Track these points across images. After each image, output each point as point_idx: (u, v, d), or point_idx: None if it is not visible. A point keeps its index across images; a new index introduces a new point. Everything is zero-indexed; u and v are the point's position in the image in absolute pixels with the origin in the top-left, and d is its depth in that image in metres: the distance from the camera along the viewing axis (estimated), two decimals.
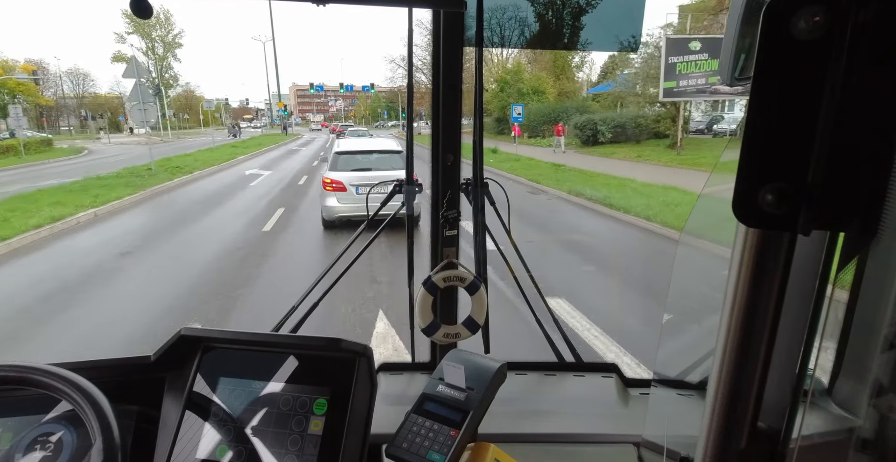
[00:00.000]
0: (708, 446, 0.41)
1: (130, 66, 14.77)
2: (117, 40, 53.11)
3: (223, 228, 8.04)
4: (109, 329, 4.20)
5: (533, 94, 31.47)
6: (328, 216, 7.35)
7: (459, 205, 1.26)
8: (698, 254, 0.69)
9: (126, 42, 51.64)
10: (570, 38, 1.25)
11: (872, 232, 0.36)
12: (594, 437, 1.07)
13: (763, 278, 0.36)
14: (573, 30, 1.21)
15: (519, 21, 1.21)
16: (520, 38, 1.23)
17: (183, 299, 4.89)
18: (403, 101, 2.52)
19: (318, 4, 0.93)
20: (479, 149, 1.20)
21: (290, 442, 0.77)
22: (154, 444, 0.83)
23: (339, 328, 4.05)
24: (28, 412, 0.82)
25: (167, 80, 50.53)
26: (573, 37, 1.24)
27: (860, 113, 0.32)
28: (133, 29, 44.32)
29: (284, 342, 0.86)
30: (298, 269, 5.85)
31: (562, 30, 1.21)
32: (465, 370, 0.79)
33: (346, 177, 7.38)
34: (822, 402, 0.54)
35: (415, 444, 0.73)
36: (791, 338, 0.39)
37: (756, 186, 0.33)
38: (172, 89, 51.57)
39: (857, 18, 0.30)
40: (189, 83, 69.68)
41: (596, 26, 1.19)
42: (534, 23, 1.21)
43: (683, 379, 1.06)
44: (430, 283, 1.18)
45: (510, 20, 1.21)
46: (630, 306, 4.75)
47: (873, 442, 0.48)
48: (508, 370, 0.84)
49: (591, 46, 1.24)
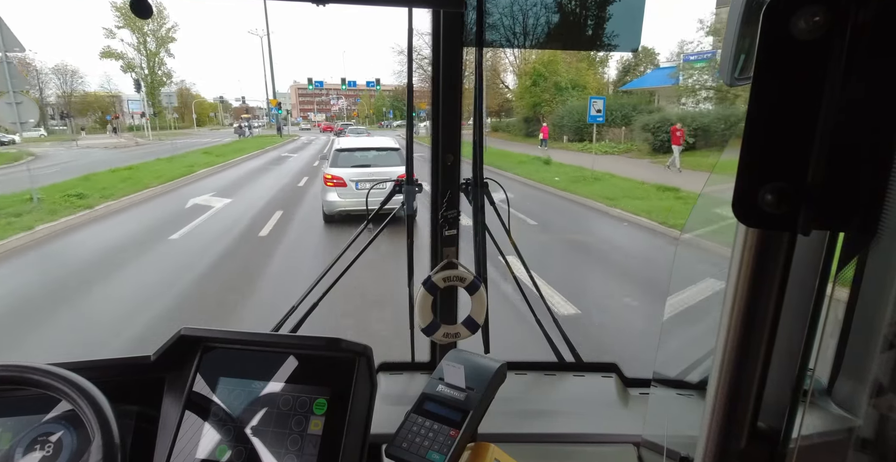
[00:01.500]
0: (708, 446, 0.41)
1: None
2: (107, 35, 48.53)
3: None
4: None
5: (573, 89, 27.25)
6: (329, 211, 7.69)
7: (459, 205, 1.26)
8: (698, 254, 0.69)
9: (116, 37, 50.43)
10: (571, 38, 1.25)
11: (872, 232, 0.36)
12: (594, 437, 1.07)
13: (763, 278, 0.36)
14: (573, 30, 1.21)
15: (519, 21, 1.20)
16: (520, 39, 1.23)
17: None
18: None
19: (318, 4, 0.94)
20: (479, 149, 1.20)
21: (289, 442, 0.77)
22: (154, 443, 0.83)
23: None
24: (28, 412, 0.82)
25: (160, 77, 47.27)
26: (573, 37, 1.24)
27: (860, 113, 0.32)
28: (124, 23, 41.82)
29: (284, 342, 0.86)
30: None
31: (562, 30, 1.21)
32: (464, 370, 0.79)
33: (346, 173, 7.67)
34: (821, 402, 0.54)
35: (415, 444, 0.73)
36: (791, 338, 0.39)
37: (756, 186, 0.33)
38: (166, 87, 47.09)
39: (857, 18, 0.30)
40: (184, 81, 63.86)
41: (596, 26, 1.19)
42: (534, 23, 1.21)
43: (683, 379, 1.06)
44: (430, 283, 1.18)
45: (510, 20, 1.21)
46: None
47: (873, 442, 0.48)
48: (508, 370, 0.84)
49: (591, 46, 1.24)
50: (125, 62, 45.14)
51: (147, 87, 45.17)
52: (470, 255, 1.30)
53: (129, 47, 44.86)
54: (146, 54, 45.98)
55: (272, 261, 6.02)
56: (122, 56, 44.83)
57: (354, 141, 9.43)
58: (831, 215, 0.34)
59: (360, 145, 8.69)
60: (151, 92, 45.48)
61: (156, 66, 46.85)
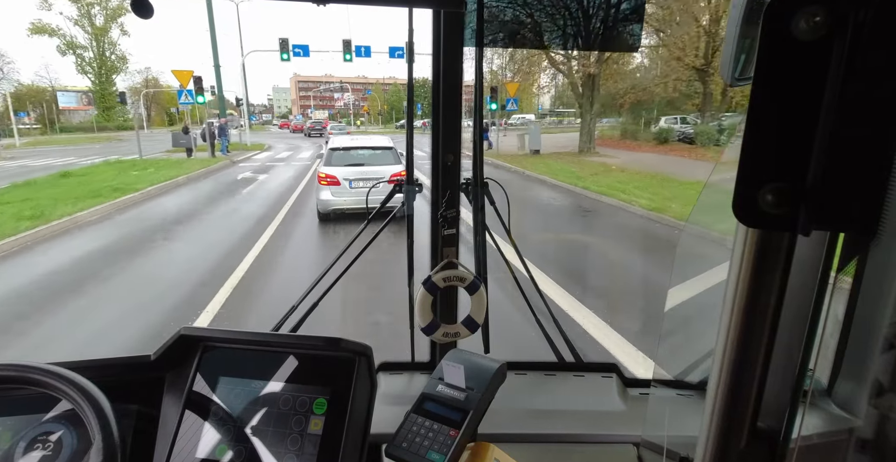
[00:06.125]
0: (708, 446, 0.41)
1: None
2: (41, 5, 33.80)
3: None
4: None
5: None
6: (323, 209, 7.71)
7: (459, 204, 1.26)
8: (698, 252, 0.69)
9: (51, 8, 38.36)
10: (571, 38, 1.25)
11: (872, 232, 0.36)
12: (594, 437, 1.07)
13: (763, 278, 0.36)
14: (574, 30, 1.21)
15: (519, 21, 1.21)
16: (520, 39, 1.23)
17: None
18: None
19: (319, 4, 0.94)
20: (479, 148, 1.20)
21: (289, 441, 0.77)
22: (154, 443, 0.83)
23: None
24: (28, 411, 0.82)
25: (112, 62, 35.76)
26: (573, 37, 1.24)
27: (860, 113, 0.32)
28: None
29: (284, 342, 0.86)
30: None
31: (562, 30, 1.21)
32: (464, 370, 0.79)
33: (339, 172, 7.72)
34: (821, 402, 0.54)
35: (414, 444, 0.73)
36: (791, 338, 0.39)
37: (756, 186, 0.33)
38: (119, 74, 36.02)
39: (857, 18, 0.30)
40: (150, 69, 45.98)
41: (596, 26, 1.19)
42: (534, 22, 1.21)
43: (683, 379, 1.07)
44: (430, 283, 1.18)
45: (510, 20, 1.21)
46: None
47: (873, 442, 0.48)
48: (508, 370, 0.84)
49: (592, 46, 1.24)
50: (63, 41, 33.89)
51: (95, 74, 35.43)
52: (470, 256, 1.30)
53: (68, 22, 33.39)
54: (92, 31, 34.64)
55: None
56: (57, 32, 33.51)
57: (348, 140, 9.45)
58: (831, 215, 0.34)
59: (353, 144, 8.78)
60: (102, 81, 35.89)
61: (105, 47, 35.78)
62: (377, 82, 70.26)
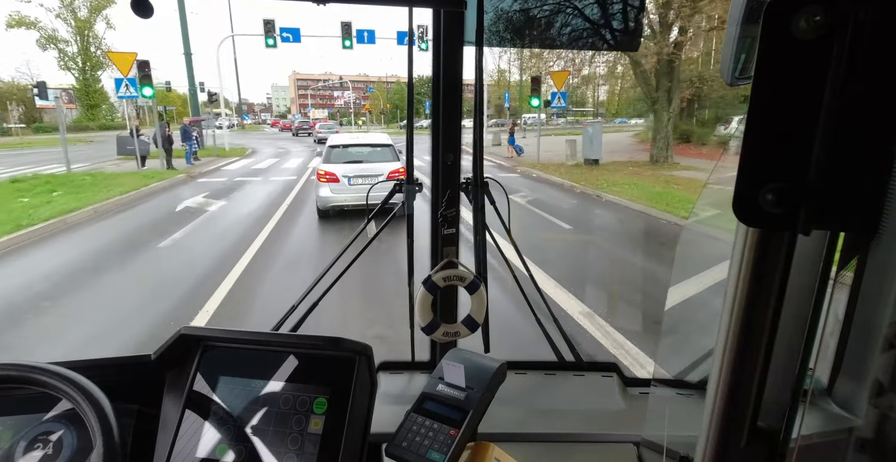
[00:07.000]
0: (708, 446, 0.41)
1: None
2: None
3: None
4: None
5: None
6: (322, 205, 7.79)
7: (459, 204, 1.26)
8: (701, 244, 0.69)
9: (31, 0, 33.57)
10: (570, 38, 1.24)
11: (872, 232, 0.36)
12: (594, 436, 1.07)
13: (763, 278, 0.36)
14: (573, 29, 1.21)
15: (519, 21, 1.20)
16: (520, 38, 1.23)
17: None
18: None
19: (319, 4, 0.94)
20: (479, 148, 1.20)
21: (289, 441, 0.77)
22: (154, 443, 0.83)
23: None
24: (28, 411, 0.82)
25: (97, 57, 33.02)
26: (573, 36, 1.23)
27: (860, 113, 0.32)
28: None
29: (284, 341, 0.86)
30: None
31: (562, 29, 1.21)
32: (464, 369, 0.79)
33: (338, 169, 7.80)
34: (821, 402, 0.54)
35: (415, 443, 0.73)
36: (791, 338, 0.39)
37: (756, 186, 0.33)
38: (105, 70, 32.65)
39: (857, 18, 0.30)
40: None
41: (596, 26, 1.19)
42: (534, 22, 1.21)
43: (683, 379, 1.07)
44: (430, 283, 1.18)
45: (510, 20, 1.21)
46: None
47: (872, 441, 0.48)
48: (508, 369, 0.84)
49: (592, 46, 1.24)
50: (44, 35, 30.93)
51: (79, 70, 32.80)
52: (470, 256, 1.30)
53: (49, 13, 30.11)
54: (75, 24, 31.58)
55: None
56: (37, 24, 30.63)
57: (347, 137, 9.54)
58: (831, 215, 0.34)
59: (352, 142, 8.86)
60: (86, 77, 33.34)
61: (90, 42, 32.80)
62: (379, 80, 68.64)
